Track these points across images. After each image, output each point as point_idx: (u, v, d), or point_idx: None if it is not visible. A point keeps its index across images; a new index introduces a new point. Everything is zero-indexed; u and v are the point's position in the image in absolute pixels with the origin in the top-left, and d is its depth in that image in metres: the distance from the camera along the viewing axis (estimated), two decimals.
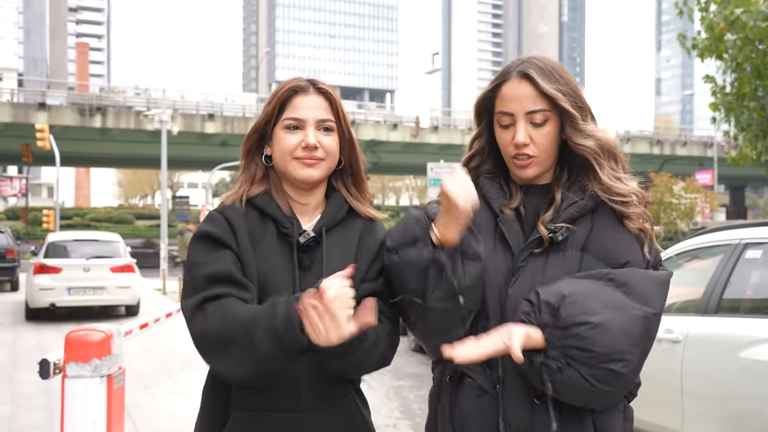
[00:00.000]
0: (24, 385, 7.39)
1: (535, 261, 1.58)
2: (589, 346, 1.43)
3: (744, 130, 14.10)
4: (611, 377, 1.44)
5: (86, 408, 3.36)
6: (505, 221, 1.62)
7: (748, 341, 3.71)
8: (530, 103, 1.58)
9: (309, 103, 1.69)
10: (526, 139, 1.59)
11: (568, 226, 1.58)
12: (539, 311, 1.48)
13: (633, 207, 1.60)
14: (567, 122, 1.60)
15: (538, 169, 1.63)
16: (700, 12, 13.87)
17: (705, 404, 3.98)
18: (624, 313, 1.47)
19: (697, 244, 4.63)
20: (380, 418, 6.28)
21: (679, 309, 4.60)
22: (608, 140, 1.63)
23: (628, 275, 1.52)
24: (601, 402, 1.53)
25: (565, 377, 1.46)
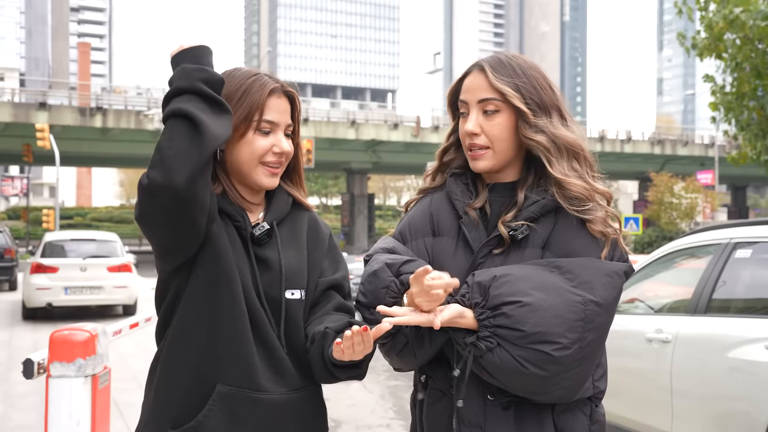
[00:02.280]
0: (18, 384, 7.38)
1: (494, 259, 1.58)
2: (516, 325, 1.42)
3: (744, 130, 14.08)
4: (543, 359, 1.42)
5: (70, 408, 3.36)
6: (468, 222, 1.63)
7: (737, 341, 3.69)
8: (482, 92, 1.60)
9: (281, 107, 1.66)
10: (476, 128, 1.61)
11: (529, 224, 1.57)
12: (472, 291, 1.48)
13: (592, 211, 1.57)
14: (518, 117, 1.60)
15: (492, 162, 1.62)
16: (700, 11, 13.85)
17: (694, 404, 3.96)
18: (558, 296, 1.45)
19: (687, 243, 4.61)
20: (374, 418, 6.27)
21: (669, 309, 4.59)
22: (568, 138, 1.60)
23: (573, 263, 1.52)
24: (542, 391, 1.48)
25: (496, 358, 1.45)
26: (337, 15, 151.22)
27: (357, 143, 42.62)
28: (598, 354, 1.55)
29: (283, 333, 1.62)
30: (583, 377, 1.51)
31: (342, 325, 1.62)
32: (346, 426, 6.00)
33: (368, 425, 6.04)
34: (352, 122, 41.74)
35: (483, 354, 1.46)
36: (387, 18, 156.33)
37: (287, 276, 1.64)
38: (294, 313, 1.65)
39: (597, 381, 1.60)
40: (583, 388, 1.54)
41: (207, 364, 1.56)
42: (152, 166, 1.45)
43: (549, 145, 1.58)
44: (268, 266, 1.63)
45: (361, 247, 41.62)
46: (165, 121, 1.49)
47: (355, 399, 7.04)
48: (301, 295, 1.66)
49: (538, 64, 1.67)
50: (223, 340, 1.56)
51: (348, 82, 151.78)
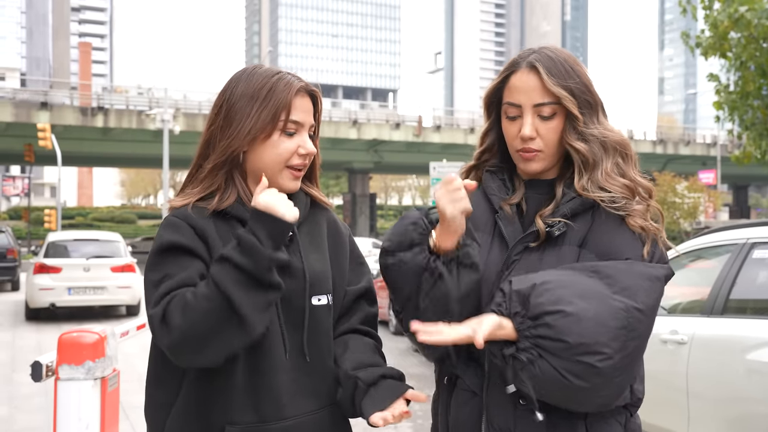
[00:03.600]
0: (22, 386, 7.34)
1: (530, 255, 1.53)
2: (560, 336, 1.36)
3: (748, 129, 14.03)
4: (587, 371, 1.36)
5: (79, 411, 3.30)
6: (504, 217, 1.59)
7: (756, 343, 3.64)
8: (538, 96, 1.55)
9: (306, 107, 1.59)
10: (533, 132, 1.56)
11: (566, 221, 1.52)
12: (510, 300, 1.42)
13: (630, 205, 1.53)
14: (568, 121, 1.56)
15: (543, 164, 1.59)
16: (704, 10, 13.79)
17: (711, 406, 3.91)
18: (601, 303, 1.39)
19: (702, 243, 4.56)
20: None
21: (684, 310, 4.53)
22: (616, 137, 1.58)
23: (613, 267, 1.45)
24: (582, 402, 1.43)
25: (537, 370, 1.38)
26: (338, 14, 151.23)
27: (358, 143, 42.60)
28: (640, 361, 1.50)
29: (306, 342, 1.55)
30: (623, 386, 1.46)
31: (373, 377, 1.55)
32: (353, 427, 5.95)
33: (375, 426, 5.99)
34: (353, 122, 41.70)
35: (525, 366, 1.39)
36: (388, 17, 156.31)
37: (312, 282, 1.56)
38: (320, 320, 1.58)
39: (636, 388, 1.55)
40: (621, 396, 1.49)
41: (218, 404, 1.50)
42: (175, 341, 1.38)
43: (592, 151, 1.56)
44: (291, 273, 1.53)
45: (363, 247, 41.59)
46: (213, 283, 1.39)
47: None
48: (329, 300, 1.61)
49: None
50: (237, 373, 1.49)
51: (349, 82, 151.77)
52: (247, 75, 1.58)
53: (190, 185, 1.59)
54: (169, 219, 1.53)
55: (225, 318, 1.38)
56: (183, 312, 1.38)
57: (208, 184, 1.56)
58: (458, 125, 46.73)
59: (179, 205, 1.55)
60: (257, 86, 1.55)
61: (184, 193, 1.58)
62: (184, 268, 1.46)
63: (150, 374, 1.58)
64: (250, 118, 1.53)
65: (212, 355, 1.41)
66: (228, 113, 1.56)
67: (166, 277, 1.45)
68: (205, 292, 1.38)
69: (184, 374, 1.51)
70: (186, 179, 1.62)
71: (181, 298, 1.40)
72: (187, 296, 1.39)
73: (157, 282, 1.46)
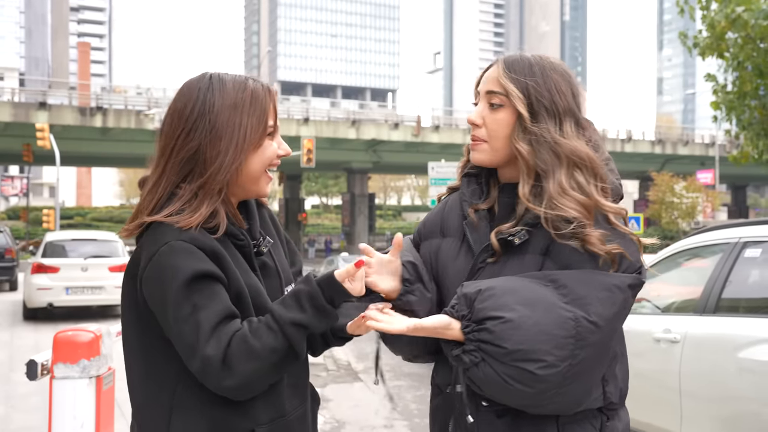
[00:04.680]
0: (19, 385, 7.35)
1: (494, 264, 1.54)
2: (498, 342, 1.38)
3: (745, 129, 14.04)
4: (527, 377, 1.37)
5: (74, 410, 3.32)
6: (470, 224, 1.60)
7: (748, 341, 3.66)
8: (491, 85, 1.58)
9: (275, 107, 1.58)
10: (478, 118, 1.59)
11: (528, 229, 1.51)
12: (459, 303, 1.45)
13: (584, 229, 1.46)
14: (518, 119, 1.55)
15: (486, 156, 1.59)
16: (702, 10, 13.81)
17: (703, 405, 3.93)
18: (548, 312, 1.39)
19: (695, 242, 4.58)
20: (378, 418, 6.25)
21: (677, 309, 4.55)
22: (572, 147, 1.51)
23: (570, 277, 1.44)
24: (538, 405, 1.44)
25: (481, 373, 1.41)
26: (337, 14, 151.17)
27: (357, 143, 42.60)
28: (598, 369, 1.48)
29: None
30: (581, 392, 1.45)
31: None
32: (349, 426, 5.97)
33: (372, 426, 6.01)
34: (352, 122, 41.71)
35: (469, 367, 1.43)
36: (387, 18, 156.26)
37: (284, 277, 1.64)
38: None
39: (609, 391, 1.53)
40: (587, 400, 1.48)
41: (232, 408, 1.48)
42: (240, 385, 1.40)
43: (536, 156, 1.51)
44: (268, 273, 1.59)
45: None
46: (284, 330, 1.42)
47: (359, 400, 7.01)
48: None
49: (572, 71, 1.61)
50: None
51: (348, 82, 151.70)
52: (216, 85, 1.52)
53: (183, 205, 1.48)
54: (180, 245, 1.42)
55: (287, 363, 1.45)
56: (249, 359, 1.38)
57: (208, 206, 1.48)
58: (457, 125, 46.73)
59: (185, 227, 1.44)
60: (240, 94, 1.51)
61: (182, 216, 1.46)
62: (218, 298, 1.42)
63: (141, 374, 1.54)
64: (242, 129, 1.49)
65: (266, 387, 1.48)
66: (214, 128, 1.49)
67: (196, 308, 1.39)
68: (274, 345, 1.41)
69: (178, 377, 1.48)
70: (161, 197, 1.50)
71: (243, 342, 1.39)
72: (251, 343, 1.39)
73: (189, 315, 1.39)
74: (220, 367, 1.37)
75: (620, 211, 1.52)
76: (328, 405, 6.69)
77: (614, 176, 1.59)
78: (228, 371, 1.38)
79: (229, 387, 1.39)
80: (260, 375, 1.41)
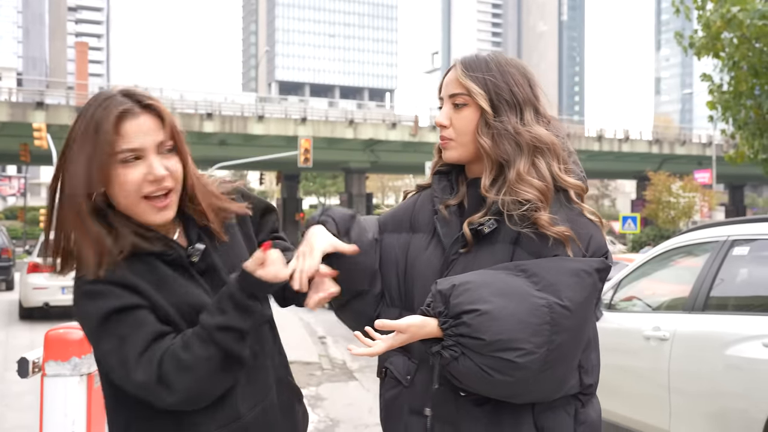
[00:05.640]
0: (14, 384, 7.35)
1: (466, 255, 1.58)
2: (476, 334, 1.41)
3: (741, 129, 14.07)
4: (507, 366, 1.40)
5: (65, 407, 3.33)
6: (440, 219, 1.64)
7: (735, 338, 3.69)
8: (452, 87, 1.64)
9: (143, 127, 1.42)
10: (445, 120, 1.64)
11: (496, 218, 1.56)
12: (435, 300, 1.48)
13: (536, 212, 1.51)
14: (482, 115, 1.60)
15: (457, 153, 1.64)
16: (697, 10, 13.84)
17: (692, 402, 3.96)
18: (522, 301, 1.43)
19: (685, 241, 4.61)
20: (372, 417, 6.26)
21: (667, 307, 4.58)
22: (534, 133, 1.57)
23: (538, 265, 1.49)
24: (518, 395, 1.48)
25: (461, 366, 1.44)
26: (335, 15, 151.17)
27: (355, 143, 42.61)
28: (575, 354, 1.52)
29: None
30: (560, 378, 1.49)
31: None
32: (343, 425, 5.99)
33: (366, 424, 6.03)
34: (350, 122, 41.72)
35: (449, 362, 1.45)
36: (385, 18, 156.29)
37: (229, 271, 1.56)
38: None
39: (584, 378, 1.57)
40: (565, 387, 1.52)
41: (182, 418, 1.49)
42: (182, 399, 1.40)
43: (498, 149, 1.57)
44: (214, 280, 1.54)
45: None
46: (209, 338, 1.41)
47: (353, 398, 7.03)
48: None
49: (527, 63, 1.67)
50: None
51: (346, 82, 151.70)
52: (86, 105, 1.45)
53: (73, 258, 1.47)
54: (86, 288, 1.43)
55: (228, 366, 1.44)
56: (183, 372, 1.38)
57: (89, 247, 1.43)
58: None
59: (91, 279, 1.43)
60: (86, 120, 1.42)
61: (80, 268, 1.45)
62: (140, 324, 1.41)
63: (106, 385, 1.56)
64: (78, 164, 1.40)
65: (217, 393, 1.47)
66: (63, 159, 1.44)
67: (123, 340, 1.39)
68: (206, 354, 1.39)
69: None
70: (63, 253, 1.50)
71: (174, 358, 1.38)
72: (182, 356, 1.38)
73: (116, 348, 1.39)
74: (156, 388, 1.38)
75: (580, 186, 1.59)
76: (322, 404, 6.71)
77: (578, 169, 1.64)
78: (167, 389, 1.38)
79: (173, 403, 1.41)
80: (202, 384, 1.41)
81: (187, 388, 1.40)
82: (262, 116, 40.12)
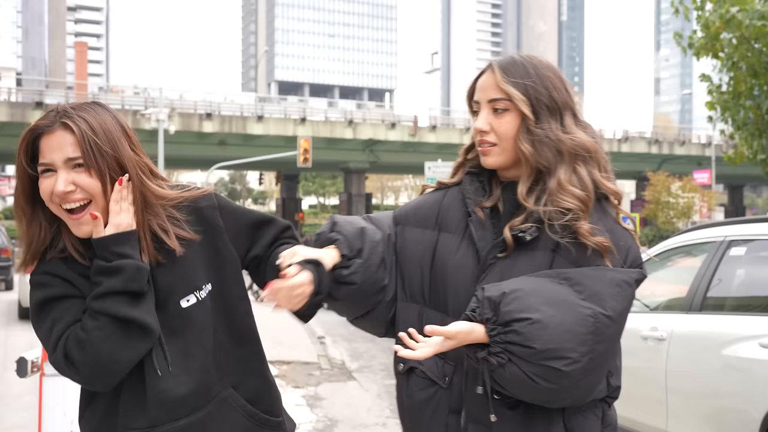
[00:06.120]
0: (13, 384, 7.36)
1: (504, 260, 1.57)
2: (527, 343, 1.42)
3: (740, 129, 14.08)
4: (554, 375, 1.42)
5: (64, 406, 3.34)
6: (475, 221, 1.63)
7: (732, 339, 3.70)
8: (492, 92, 1.61)
9: (55, 143, 1.49)
10: (485, 125, 1.61)
11: (538, 225, 1.55)
12: (483, 306, 1.48)
13: (577, 222, 1.52)
14: (522, 120, 1.59)
15: (500, 158, 1.62)
16: (696, 11, 13.85)
17: (689, 401, 3.97)
18: (569, 310, 1.44)
19: (683, 241, 4.62)
20: (371, 416, 6.28)
21: (664, 307, 4.59)
22: (576, 140, 1.57)
23: (582, 274, 1.50)
24: (554, 400, 1.50)
25: (506, 373, 1.45)
26: (334, 15, 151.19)
27: (354, 143, 42.63)
28: (610, 361, 1.55)
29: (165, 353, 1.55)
30: (594, 384, 1.52)
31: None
32: (342, 425, 6.00)
33: (364, 424, 6.04)
34: (349, 122, 41.74)
35: (495, 368, 1.46)
36: (385, 18, 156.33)
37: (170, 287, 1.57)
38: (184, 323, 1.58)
39: (611, 382, 1.60)
40: (596, 391, 1.55)
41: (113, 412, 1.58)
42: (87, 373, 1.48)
43: (538, 156, 1.56)
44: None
45: None
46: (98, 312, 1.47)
47: (352, 398, 7.04)
48: (199, 298, 1.60)
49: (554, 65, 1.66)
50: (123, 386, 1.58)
51: (346, 82, 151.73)
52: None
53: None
54: (33, 279, 1.56)
55: (123, 334, 1.47)
56: (81, 348, 1.46)
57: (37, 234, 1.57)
58: (454, 125, 46.80)
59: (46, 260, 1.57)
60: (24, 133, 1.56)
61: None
62: (66, 310, 1.52)
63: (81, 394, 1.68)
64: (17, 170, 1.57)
65: (126, 368, 1.50)
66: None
67: (54, 322, 1.51)
68: (94, 324, 1.46)
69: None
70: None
71: (75, 337, 1.47)
72: (79, 334, 1.47)
73: (48, 330, 1.51)
74: (65, 366, 1.48)
75: (619, 192, 1.60)
76: (321, 404, 6.72)
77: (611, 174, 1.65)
78: (72, 366, 1.48)
79: (81, 379, 1.50)
80: (102, 358, 1.46)
81: (89, 361, 1.46)
82: (262, 116, 40.14)
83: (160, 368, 1.54)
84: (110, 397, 1.57)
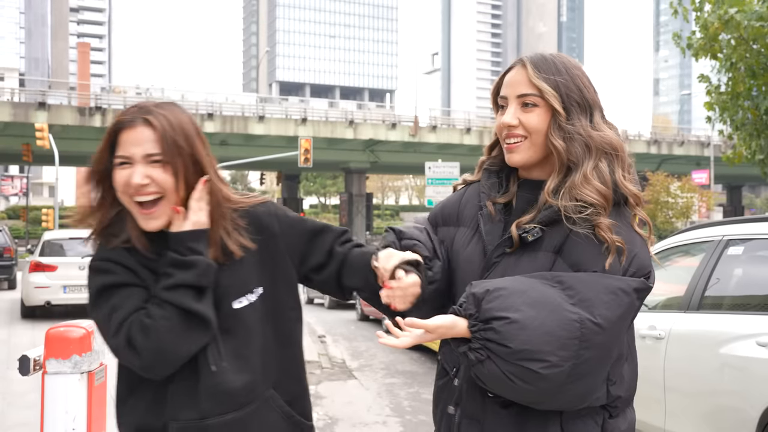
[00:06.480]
0: (16, 382, 7.39)
1: (508, 258, 1.59)
2: (504, 341, 1.43)
3: (738, 130, 14.09)
4: (530, 376, 1.42)
5: (66, 404, 3.36)
6: (485, 215, 1.65)
7: (729, 337, 3.72)
8: (522, 87, 1.62)
9: (135, 138, 1.56)
10: (513, 119, 1.62)
11: (542, 227, 1.56)
12: (468, 302, 1.50)
13: (597, 215, 1.53)
14: (552, 116, 1.60)
15: (527, 154, 1.62)
16: (695, 12, 13.86)
17: (687, 400, 3.99)
18: (553, 313, 1.44)
19: (681, 240, 4.65)
20: (371, 415, 6.30)
21: (662, 306, 4.61)
22: (605, 138, 1.59)
23: (577, 279, 1.50)
24: (541, 402, 1.50)
25: (485, 369, 1.46)
26: (335, 15, 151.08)
27: (355, 143, 42.63)
28: (602, 369, 1.52)
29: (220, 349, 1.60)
30: (585, 390, 1.50)
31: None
32: (342, 423, 6.03)
33: (364, 422, 6.07)
34: (350, 122, 41.74)
35: (474, 364, 1.48)
36: (385, 18, 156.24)
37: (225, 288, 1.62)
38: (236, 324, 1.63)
39: (612, 391, 1.57)
40: (590, 399, 1.53)
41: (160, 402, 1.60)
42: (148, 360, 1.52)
43: (569, 151, 1.58)
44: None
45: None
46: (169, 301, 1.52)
47: (352, 396, 7.07)
48: (250, 300, 1.65)
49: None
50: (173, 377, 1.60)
51: (346, 82, 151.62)
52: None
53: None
54: (94, 264, 1.62)
55: (187, 326, 1.53)
56: (146, 335, 1.51)
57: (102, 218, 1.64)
58: (454, 125, 46.77)
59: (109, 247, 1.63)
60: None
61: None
62: (128, 297, 1.57)
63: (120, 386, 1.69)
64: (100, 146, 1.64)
65: (184, 358, 1.55)
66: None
67: (113, 308, 1.56)
68: (161, 313, 1.52)
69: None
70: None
71: (139, 323, 1.52)
72: (144, 321, 1.52)
73: (107, 315, 1.56)
74: (127, 351, 1.53)
75: (638, 195, 1.61)
76: (321, 402, 6.75)
77: (634, 175, 1.66)
78: (134, 352, 1.52)
79: (140, 364, 1.54)
80: (165, 346, 1.52)
81: (152, 348, 1.51)
82: (263, 116, 40.15)
83: (214, 363, 1.58)
84: (157, 386, 1.60)
